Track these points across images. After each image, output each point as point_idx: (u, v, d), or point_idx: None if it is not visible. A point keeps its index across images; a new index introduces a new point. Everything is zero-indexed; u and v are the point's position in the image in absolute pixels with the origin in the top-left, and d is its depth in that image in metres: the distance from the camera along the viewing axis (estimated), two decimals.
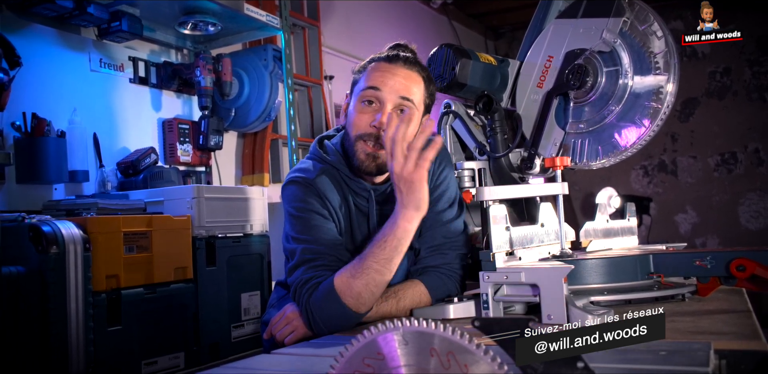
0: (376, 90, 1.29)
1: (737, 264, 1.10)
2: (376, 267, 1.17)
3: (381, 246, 1.18)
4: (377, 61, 1.34)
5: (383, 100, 1.29)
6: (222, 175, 3.04)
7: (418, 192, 1.16)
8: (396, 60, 1.33)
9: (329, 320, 1.19)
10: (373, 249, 1.18)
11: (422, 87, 1.34)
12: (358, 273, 1.17)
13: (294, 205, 1.33)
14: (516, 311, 1.18)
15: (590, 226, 1.47)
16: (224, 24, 2.69)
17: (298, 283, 1.24)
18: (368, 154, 1.31)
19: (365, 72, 1.34)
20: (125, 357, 1.84)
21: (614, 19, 1.46)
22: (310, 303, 1.20)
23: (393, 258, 1.18)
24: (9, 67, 1.87)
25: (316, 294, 1.20)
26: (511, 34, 5.97)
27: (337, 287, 1.17)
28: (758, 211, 4.95)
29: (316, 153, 1.41)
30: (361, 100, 1.32)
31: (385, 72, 1.31)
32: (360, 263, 1.18)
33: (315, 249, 1.26)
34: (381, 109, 1.30)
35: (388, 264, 1.18)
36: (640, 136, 1.46)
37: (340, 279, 1.18)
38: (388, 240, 1.18)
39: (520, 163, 1.55)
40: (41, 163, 2.11)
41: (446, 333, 0.54)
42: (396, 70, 1.31)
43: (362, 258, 1.18)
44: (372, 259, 1.17)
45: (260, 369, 0.90)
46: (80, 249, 1.72)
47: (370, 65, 1.35)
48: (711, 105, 5.13)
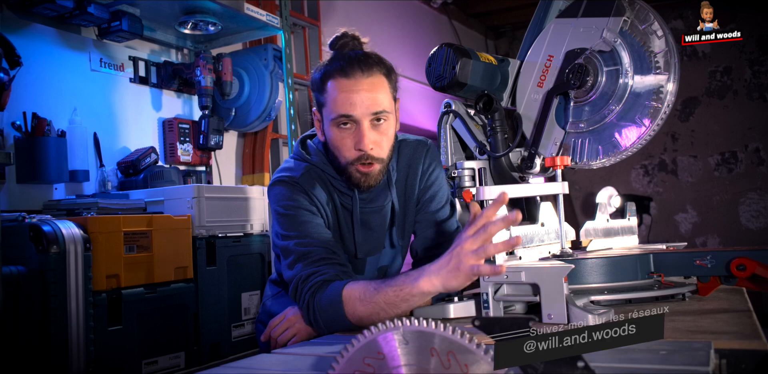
0: (347, 117, 1.28)
1: (737, 264, 1.10)
2: (383, 306, 1.14)
3: (396, 293, 1.13)
4: (334, 79, 1.28)
5: (358, 121, 1.28)
6: (222, 175, 3.04)
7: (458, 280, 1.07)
8: (352, 70, 1.27)
9: (330, 323, 1.18)
10: (388, 291, 1.14)
11: (387, 86, 1.31)
12: (366, 302, 1.14)
13: (282, 204, 1.33)
14: (516, 310, 1.18)
15: (590, 226, 1.47)
16: (224, 24, 2.69)
17: (299, 279, 1.23)
18: (363, 173, 1.31)
19: (326, 93, 1.30)
20: (125, 357, 1.84)
21: (614, 18, 1.46)
22: (314, 301, 1.19)
23: (400, 306, 1.14)
24: (9, 67, 1.87)
25: (322, 295, 1.18)
26: (511, 34, 5.97)
27: (344, 300, 1.16)
28: (758, 211, 4.95)
29: (299, 153, 1.41)
30: (335, 125, 1.30)
31: (348, 93, 1.26)
32: (371, 293, 1.14)
33: (308, 243, 1.26)
34: (358, 127, 1.28)
35: (395, 308, 1.14)
36: (640, 136, 1.46)
37: (349, 293, 1.16)
38: (404, 289, 1.12)
39: (520, 162, 1.55)
40: (41, 163, 2.11)
41: (446, 333, 0.54)
42: (357, 84, 1.27)
43: (376, 290, 1.14)
44: (383, 298, 1.13)
45: (261, 368, 0.90)
46: (80, 248, 1.72)
47: (329, 83, 1.29)
48: (711, 104, 5.13)
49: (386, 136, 1.32)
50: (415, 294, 1.11)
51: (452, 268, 1.07)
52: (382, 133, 1.31)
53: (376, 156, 1.30)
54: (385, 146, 1.33)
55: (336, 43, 1.36)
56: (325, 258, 1.24)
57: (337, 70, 1.29)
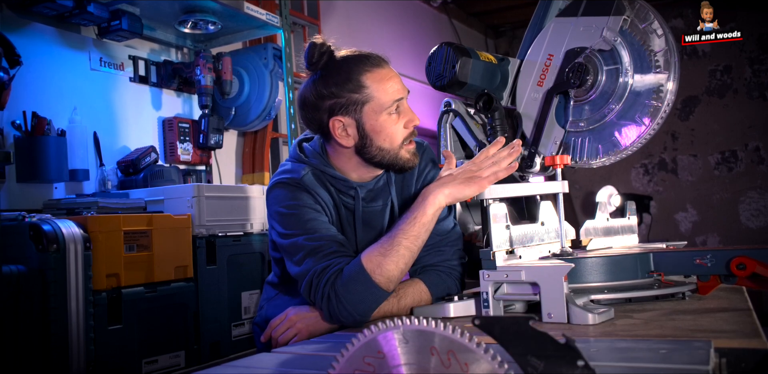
0: (400, 100, 1.34)
1: (737, 263, 1.10)
2: (406, 244, 1.18)
3: (411, 222, 1.20)
4: (369, 71, 1.32)
5: (403, 102, 1.35)
6: (222, 174, 3.04)
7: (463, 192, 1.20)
8: (378, 61, 1.35)
9: (358, 303, 1.17)
10: (403, 226, 1.20)
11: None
12: (389, 251, 1.18)
13: (284, 204, 1.32)
14: (516, 309, 1.18)
15: (590, 225, 1.47)
16: (224, 23, 2.69)
17: (314, 274, 1.22)
18: (413, 152, 1.37)
19: (367, 88, 1.31)
20: (126, 356, 1.84)
21: (614, 17, 1.46)
22: (335, 288, 1.18)
23: (421, 235, 1.21)
24: (9, 66, 1.87)
25: (342, 279, 1.19)
26: (511, 33, 5.97)
27: (367, 267, 1.17)
28: (758, 209, 4.95)
29: (296, 156, 1.42)
30: (389, 113, 1.33)
31: (390, 80, 1.33)
32: (389, 241, 1.19)
33: (318, 237, 1.26)
34: (403, 108, 1.35)
35: (417, 240, 1.20)
36: (640, 135, 1.46)
37: (368, 258, 1.18)
38: (417, 216, 1.20)
39: (520, 161, 1.55)
40: (41, 162, 2.11)
41: (447, 332, 0.54)
42: (389, 71, 1.35)
43: (391, 235, 1.20)
44: (402, 235, 1.19)
45: (261, 367, 0.90)
46: (81, 248, 1.72)
47: (364, 78, 1.31)
48: (711, 103, 5.13)
49: None
50: (429, 213, 1.20)
51: (460, 182, 1.20)
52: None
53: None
54: None
55: (315, 52, 1.32)
56: (337, 251, 1.24)
57: (365, 65, 1.33)
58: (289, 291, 1.47)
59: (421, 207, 1.20)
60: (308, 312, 1.26)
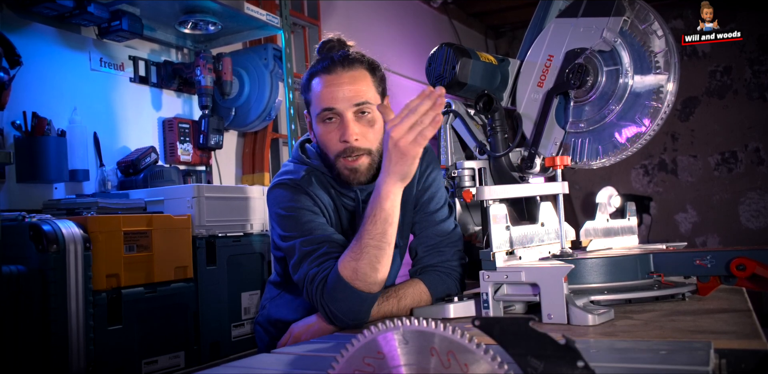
0: (330, 110, 1.30)
1: (737, 264, 1.10)
2: (374, 244, 1.17)
3: (372, 221, 1.18)
4: (317, 75, 1.33)
5: (341, 113, 1.30)
6: (222, 175, 3.04)
7: (407, 165, 1.14)
8: (333, 66, 1.31)
9: (347, 310, 1.18)
10: (366, 227, 1.18)
11: (369, 80, 1.33)
12: (358, 255, 1.17)
13: (283, 206, 1.33)
14: (516, 310, 1.18)
15: (590, 226, 1.47)
16: (224, 23, 2.69)
17: (306, 281, 1.23)
18: (350, 168, 1.32)
19: (312, 91, 1.34)
20: (125, 356, 1.84)
21: (614, 18, 1.46)
22: (324, 297, 1.19)
23: (386, 231, 1.18)
24: (9, 66, 1.87)
25: (327, 288, 1.19)
26: (511, 34, 5.97)
27: (343, 274, 1.17)
28: (758, 210, 4.95)
29: (298, 157, 1.42)
30: (320, 120, 1.32)
31: (329, 86, 1.30)
32: (357, 244, 1.18)
33: (312, 240, 1.26)
34: (342, 120, 1.30)
35: (384, 237, 1.17)
36: (640, 135, 1.46)
37: (343, 265, 1.18)
38: (376, 213, 1.18)
39: (520, 162, 1.55)
40: (41, 162, 2.11)
41: (446, 333, 0.54)
42: (338, 78, 1.30)
43: (358, 238, 1.19)
44: (367, 236, 1.17)
45: (260, 368, 0.90)
46: (80, 248, 1.72)
47: (313, 81, 1.34)
48: (711, 104, 5.13)
49: (372, 128, 1.32)
50: (386, 207, 1.17)
51: (396, 159, 1.13)
52: (368, 125, 1.32)
53: (362, 147, 1.30)
54: (372, 138, 1.32)
55: (323, 47, 1.39)
56: (327, 253, 1.24)
57: (320, 68, 1.33)
58: (292, 290, 1.47)
59: (377, 203, 1.18)
60: (310, 323, 1.27)
